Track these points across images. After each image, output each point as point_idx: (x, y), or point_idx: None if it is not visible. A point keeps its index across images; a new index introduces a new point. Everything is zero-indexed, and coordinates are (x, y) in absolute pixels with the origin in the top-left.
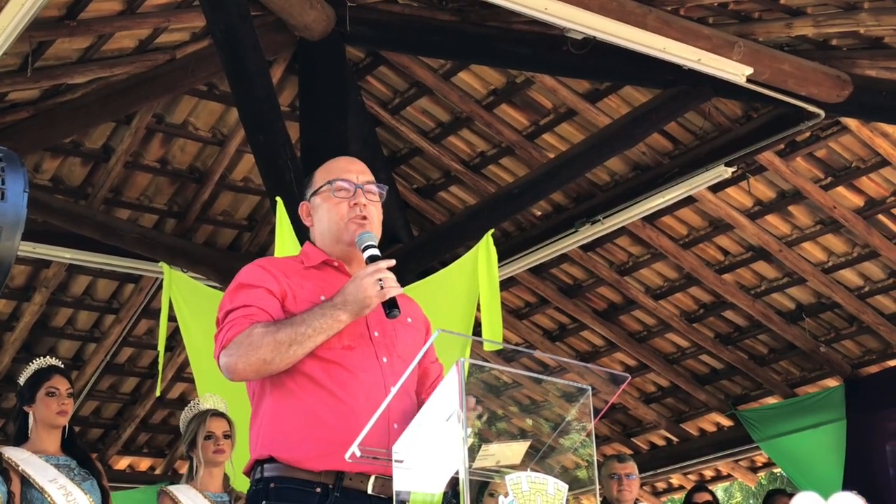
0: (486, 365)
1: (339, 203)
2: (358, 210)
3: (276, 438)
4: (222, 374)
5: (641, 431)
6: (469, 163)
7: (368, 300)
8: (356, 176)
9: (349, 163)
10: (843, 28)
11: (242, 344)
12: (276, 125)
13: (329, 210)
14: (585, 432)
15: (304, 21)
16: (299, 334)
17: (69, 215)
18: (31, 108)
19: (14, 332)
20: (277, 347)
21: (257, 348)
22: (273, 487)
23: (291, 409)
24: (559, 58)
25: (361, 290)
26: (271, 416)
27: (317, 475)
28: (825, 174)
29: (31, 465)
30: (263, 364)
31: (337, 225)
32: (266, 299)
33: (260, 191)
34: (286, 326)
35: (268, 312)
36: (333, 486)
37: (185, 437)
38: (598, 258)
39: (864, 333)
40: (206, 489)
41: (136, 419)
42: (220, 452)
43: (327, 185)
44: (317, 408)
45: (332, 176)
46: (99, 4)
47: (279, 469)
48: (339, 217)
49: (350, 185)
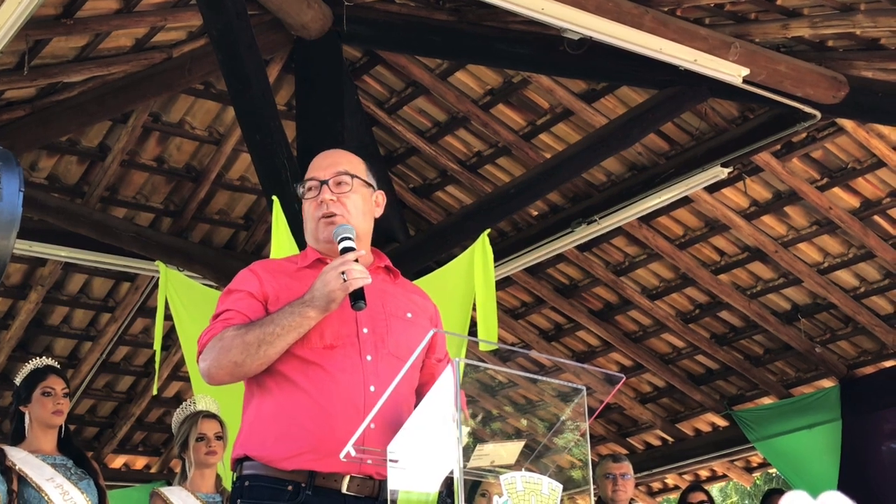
0: (482, 365)
1: (310, 203)
2: (323, 208)
3: (253, 438)
4: (203, 380)
5: (637, 431)
6: (465, 162)
7: (333, 294)
8: (323, 172)
9: (322, 158)
10: (839, 29)
11: (214, 348)
12: (273, 124)
13: (307, 211)
14: (580, 432)
15: (300, 20)
16: (267, 334)
17: (65, 213)
18: (27, 107)
19: (10, 331)
20: (246, 349)
21: (227, 351)
22: (247, 486)
23: (268, 409)
24: (556, 58)
25: (326, 284)
26: (252, 415)
27: (289, 474)
28: (821, 175)
29: (29, 464)
30: (235, 366)
31: (311, 224)
32: (244, 301)
33: (256, 190)
34: (255, 327)
35: (245, 314)
36: (305, 484)
37: (178, 439)
38: (595, 258)
39: (860, 334)
40: (198, 490)
41: (131, 418)
42: (211, 454)
43: (302, 187)
44: (291, 409)
45: (306, 176)
46: (95, 3)
47: (254, 468)
48: (310, 217)
49: (316, 183)
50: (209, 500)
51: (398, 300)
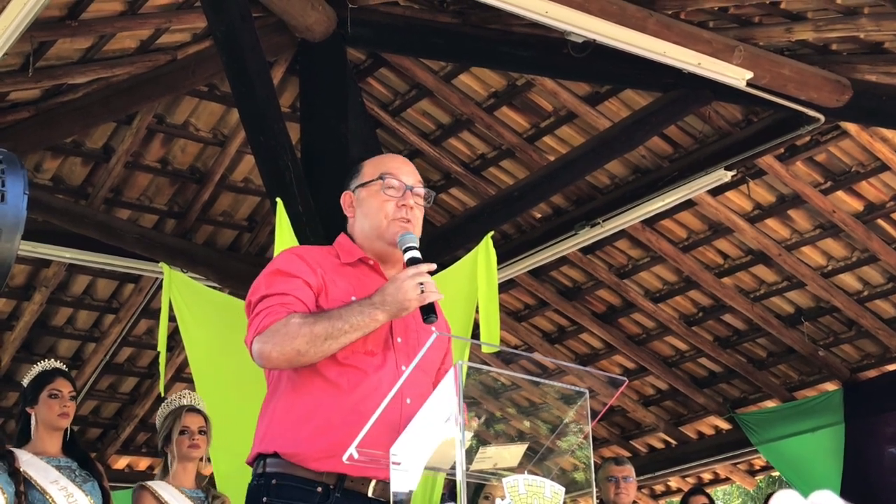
0: (485, 367)
1: (387, 201)
2: (404, 212)
3: (284, 434)
4: (253, 359)
5: (640, 434)
6: (469, 165)
7: (407, 303)
8: (408, 177)
9: (402, 162)
10: (843, 33)
11: (279, 332)
12: (277, 126)
13: (376, 205)
14: (583, 435)
15: (305, 22)
16: (336, 329)
17: (69, 215)
18: (32, 108)
19: (14, 332)
20: (314, 340)
21: (293, 338)
22: (275, 484)
23: (302, 407)
24: (559, 61)
25: (402, 291)
26: (282, 411)
27: (318, 475)
28: (825, 178)
29: (33, 466)
30: (297, 355)
31: (381, 222)
32: (303, 290)
33: (260, 192)
34: (323, 319)
35: (305, 304)
36: (335, 486)
37: (161, 433)
38: (598, 261)
39: (863, 338)
40: (180, 485)
41: (135, 419)
42: (194, 447)
43: (379, 179)
44: (327, 409)
45: (383, 171)
46: (100, 5)
47: (282, 465)
48: (384, 215)
49: (401, 185)
50: (193, 496)
51: None
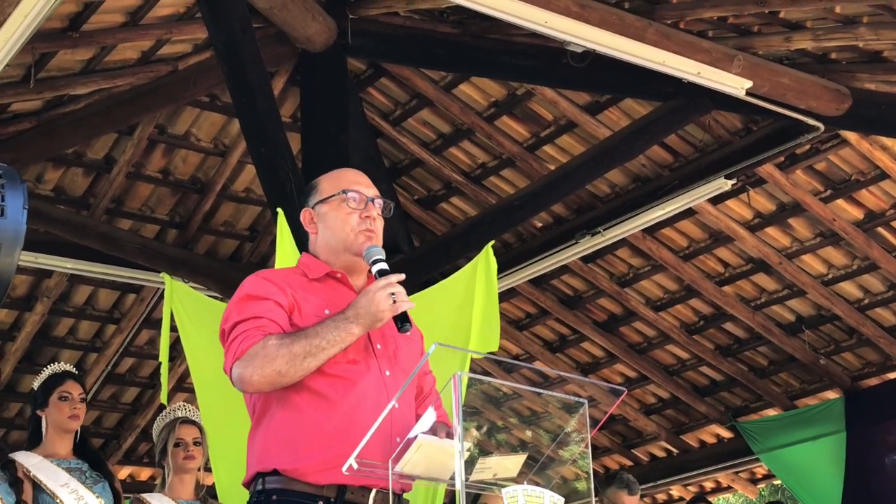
0: (486, 378)
1: (350, 213)
2: (368, 223)
3: (281, 451)
4: (234, 385)
5: (641, 443)
6: (470, 174)
7: (381, 314)
8: (366, 189)
9: (358, 175)
10: (842, 42)
11: (258, 355)
12: (278, 136)
13: (340, 219)
14: (585, 443)
15: (305, 33)
16: (314, 346)
17: (71, 225)
18: (33, 119)
19: (15, 342)
20: (293, 359)
21: (273, 360)
22: (275, 500)
23: (296, 423)
24: (559, 70)
25: (374, 303)
26: (276, 428)
27: (319, 488)
28: (825, 187)
29: (43, 470)
30: (278, 376)
31: (347, 235)
32: (276, 311)
33: (261, 202)
34: (301, 338)
35: (279, 324)
36: (335, 499)
37: (157, 446)
38: (599, 270)
39: (864, 346)
40: (178, 497)
41: (136, 429)
42: (189, 459)
43: (340, 194)
44: (321, 421)
45: (343, 186)
46: (101, 16)
47: (282, 482)
48: (349, 227)
49: (363, 197)
50: None
51: None
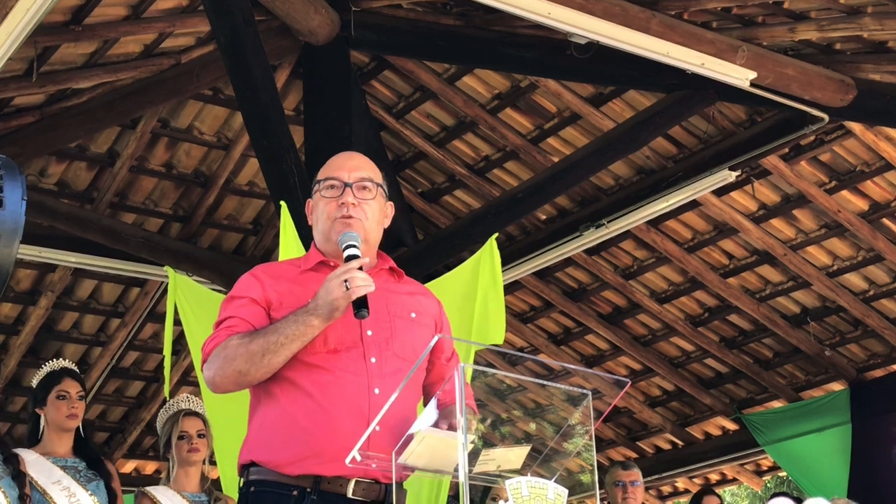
0: (490, 370)
1: (328, 202)
2: (344, 210)
3: (259, 444)
4: (207, 388)
5: (647, 435)
6: (474, 167)
7: (336, 302)
8: (347, 174)
9: (346, 159)
10: (846, 32)
11: (219, 356)
12: (281, 129)
13: (321, 209)
14: (589, 436)
15: (308, 26)
16: (272, 343)
17: (75, 219)
18: (36, 113)
19: (20, 336)
20: (251, 358)
21: (232, 360)
22: (253, 491)
23: (274, 415)
24: (563, 62)
25: (329, 293)
26: (258, 421)
27: (293, 479)
28: (829, 178)
29: (37, 467)
30: (239, 375)
31: (325, 224)
32: (247, 308)
33: (265, 195)
34: (259, 337)
35: (248, 322)
36: (311, 489)
37: (161, 439)
38: (603, 262)
39: (870, 337)
40: (182, 489)
41: (141, 423)
42: (194, 451)
43: (321, 182)
44: (296, 413)
45: (325, 174)
46: (104, 9)
47: (261, 473)
48: (327, 216)
49: (339, 184)
50: (195, 500)
51: (402, 301)
